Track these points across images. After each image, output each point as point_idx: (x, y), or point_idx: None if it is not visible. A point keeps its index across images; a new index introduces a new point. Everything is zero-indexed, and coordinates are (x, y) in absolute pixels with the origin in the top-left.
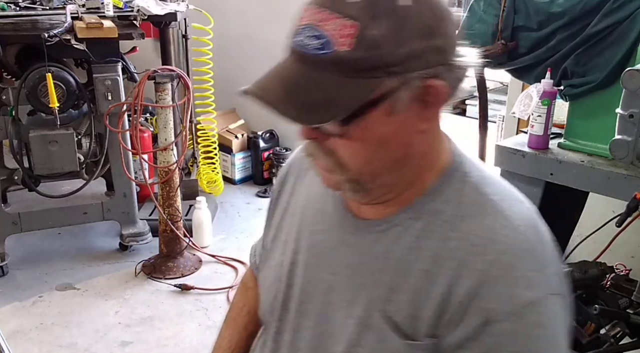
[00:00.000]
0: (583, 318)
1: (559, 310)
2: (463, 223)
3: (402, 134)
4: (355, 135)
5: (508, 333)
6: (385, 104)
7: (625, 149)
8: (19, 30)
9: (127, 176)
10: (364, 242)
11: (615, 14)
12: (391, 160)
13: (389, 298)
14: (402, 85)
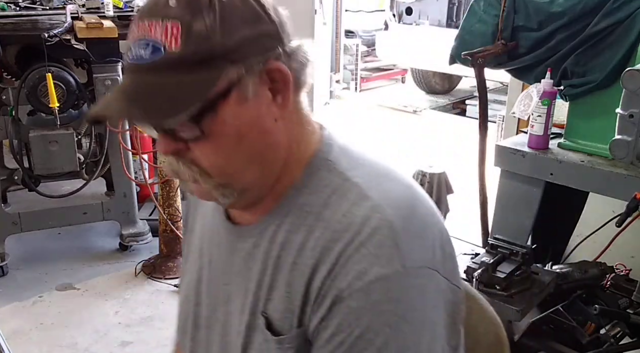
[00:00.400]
0: (583, 318)
1: (419, 283)
2: (327, 211)
3: (257, 123)
4: (213, 133)
5: (355, 310)
6: (234, 93)
7: (625, 149)
8: (19, 30)
9: (127, 176)
10: (246, 248)
11: (615, 14)
12: (252, 154)
13: (269, 297)
14: (245, 72)
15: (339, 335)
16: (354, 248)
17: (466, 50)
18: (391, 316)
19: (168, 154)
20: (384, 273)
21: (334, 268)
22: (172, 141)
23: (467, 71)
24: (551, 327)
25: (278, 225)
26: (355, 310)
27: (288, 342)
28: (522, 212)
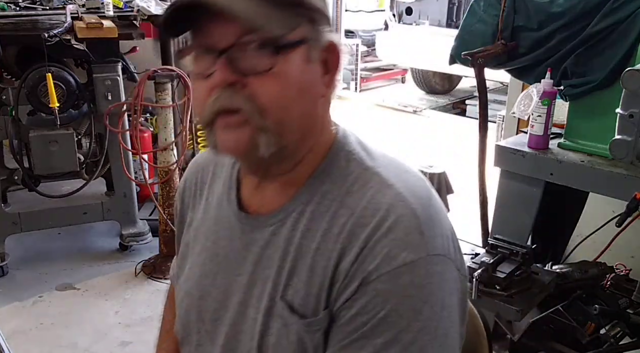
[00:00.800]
0: (583, 318)
1: (440, 270)
2: (350, 198)
3: (311, 89)
4: (279, 72)
5: (382, 293)
6: (303, 49)
7: (625, 149)
8: (19, 30)
9: (127, 176)
10: (263, 237)
11: (615, 14)
12: (302, 112)
13: (289, 283)
14: (315, 36)
15: (363, 316)
16: (382, 233)
17: (466, 50)
18: (416, 300)
19: (225, 84)
20: (411, 259)
21: (362, 252)
22: (233, 72)
23: (467, 71)
24: (551, 327)
25: (300, 212)
26: (382, 293)
27: (316, 324)
28: (522, 212)
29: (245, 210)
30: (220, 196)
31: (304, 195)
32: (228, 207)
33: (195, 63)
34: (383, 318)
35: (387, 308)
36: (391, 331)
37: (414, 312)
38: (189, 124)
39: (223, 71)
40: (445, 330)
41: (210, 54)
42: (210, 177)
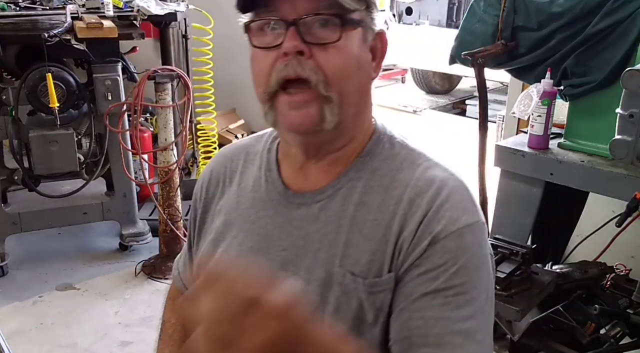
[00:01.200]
0: (583, 318)
1: (485, 235)
2: (401, 174)
3: (366, 68)
4: (344, 45)
5: (452, 249)
6: (360, 30)
7: (625, 149)
8: (19, 30)
9: (127, 176)
10: (311, 212)
11: (615, 14)
12: (360, 86)
13: (346, 254)
14: (370, 21)
15: (434, 271)
16: (442, 199)
17: (466, 50)
18: (478, 258)
19: (294, 52)
20: (471, 221)
21: (427, 216)
22: (301, 42)
23: (467, 71)
24: (551, 327)
25: (349, 188)
26: (451, 250)
27: (380, 285)
28: (522, 212)
29: (289, 188)
30: (256, 180)
31: (352, 172)
32: (268, 188)
33: (259, 36)
34: (454, 273)
35: (458, 264)
36: (460, 285)
37: (476, 268)
38: (189, 124)
39: (293, 40)
40: (491, 291)
41: (278, 27)
42: (241, 164)
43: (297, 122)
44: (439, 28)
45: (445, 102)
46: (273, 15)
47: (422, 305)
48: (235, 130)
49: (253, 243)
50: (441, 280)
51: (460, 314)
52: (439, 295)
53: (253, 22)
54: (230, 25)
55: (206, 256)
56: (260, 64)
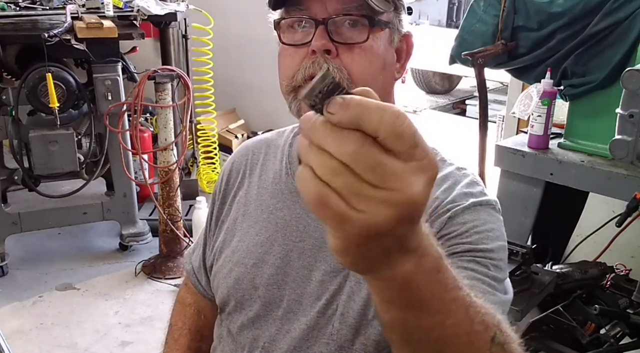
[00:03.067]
0: (583, 318)
1: (500, 216)
2: None
3: (391, 69)
4: (370, 45)
5: (470, 222)
6: (387, 31)
7: (625, 149)
8: (19, 30)
9: (127, 176)
10: None
11: (615, 14)
12: (385, 87)
13: None
14: (397, 23)
15: (453, 239)
16: (460, 188)
17: (466, 50)
18: (495, 232)
19: (322, 50)
20: (485, 200)
21: (444, 201)
22: (329, 40)
23: (467, 71)
24: (551, 327)
25: None
26: (469, 222)
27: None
28: (522, 212)
29: None
30: (277, 172)
31: None
32: (288, 180)
33: (288, 33)
34: (473, 243)
35: (475, 236)
36: (477, 260)
37: (494, 243)
38: (189, 124)
39: (321, 38)
40: (506, 265)
41: (307, 25)
42: (262, 156)
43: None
44: (439, 28)
45: (445, 102)
46: (304, 14)
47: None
48: (235, 130)
49: (270, 233)
50: (459, 250)
51: (490, 273)
52: (462, 260)
53: (283, 19)
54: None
55: (198, 264)
56: (287, 60)
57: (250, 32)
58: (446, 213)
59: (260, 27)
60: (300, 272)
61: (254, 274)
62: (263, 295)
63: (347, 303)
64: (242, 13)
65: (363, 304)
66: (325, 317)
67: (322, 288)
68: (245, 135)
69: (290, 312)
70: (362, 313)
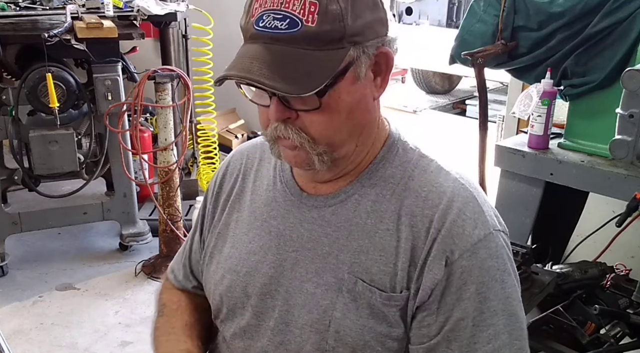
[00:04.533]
0: (583, 318)
1: (502, 242)
2: (412, 182)
3: (363, 101)
4: (328, 106)
5: (468, 268)
6: (351, 73)
7: (625, 149)
8: (19, 30)
9: (127, 176)
10: (323, 216)
11: (615, 14)
12: (355, 127)
13: (356, 261)
14: (362, 54)
15: (456, 293)
16: (455, 214)
17: (466, 50)
18: (495, 270)
19: (279, 121)
20: (483, 234)
21: (440, 233)
22: (286, 109)
23: (467, 71)
24: (551, 327)
25: (362, 194)
26: (468, 269)
27: (395, 300)
28: (522, 212)
29: (304, 190)
30: (271, 179)
31: (365, 178)
32: (282, 188)
33: (254, 94)
34: (475, 292)
35: (477, 281)
36: (484, 303)
37: (496, 281)
38: (189, 124)
39: (276, 109)
40: (517, 293)
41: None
42: (257, 162)
43: (293, 162)
44: (439, 28)
45: (445, 102)
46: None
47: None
48: (235, 130)
49: (264, 242)
50: (464, 302)
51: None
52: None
53: (241, 82)
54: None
55: (213, 248)
56: (259, 113)
57: None
58: (442, 258)
59: None
60: (292, 282)
61: (247, 282)
62: (255, 304)
63: (341, 321)
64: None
65: (361, 325)
66: (317, 331)
67: (314, 302)
68: (245, 135)
69: (282, 323)
70: (360, 333)
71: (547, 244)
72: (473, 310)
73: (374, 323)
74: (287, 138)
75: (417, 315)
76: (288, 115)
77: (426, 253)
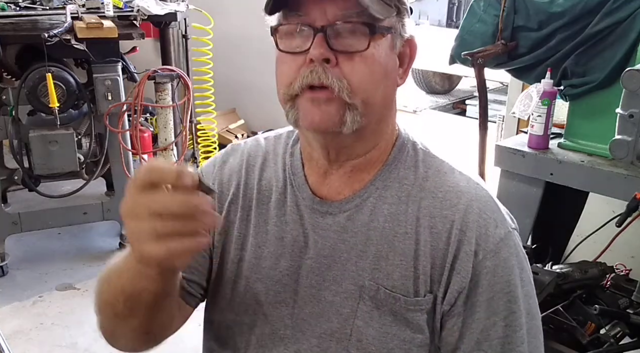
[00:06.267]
0: (583, 318)
1: (518, 241)
2: (428, 183)
3: (392, 75)
4: (370, 54)
5: (493, 269)
6: (390, 37)
7: (625, 149)
8: (19, 30)
9: (127, 176)
10: (339, 222)
11: (615, 14)
12: (385, 95)
13: (376, 267)
14: (400, 27)
15: (484, 294)
16: (476, 215)
17: (466, 50)
18: (517, 268)
19: (319, 60)
20: (503, 233)
21: (462, 233)
22: (327, 49)
23: (467, 71)
24: (551, 327)
25: (377, 198)
26: (492, 269)
27: (420, 304)
28: (522, 212)
29: (316, 195)
30: (281, 181)
31: (379, 181)
32: (293, 192)
33: (285, 39)
34: (501, 291)
35: (502, 281)
36: (511, 301)
37: (519, 279)
38: (189, 124)
39: (320, 47)
40: (534, 290)
41: (305, 32)
42: (260, 161)
43: (317, 120)
44: (439, 28)
45: (445, 102)
46: (302, 20)
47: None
48: (235, 130)
49: (275, 248)
50: (489, 302)
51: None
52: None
53: (281, 25)
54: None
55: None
56: (285, 67)
57: (250, 32)
58: (465, 260)
59: (260, 27)
60: (308, 290)
61: (258, 290)
62: (269, 313)
63: (363, 329)
64: (242, 13)
65: (384, 332)
66: (338, 340)
67: (333, 310)
68: (245, 135)
69: (299, 332)
70: (383, 341)
71: (547, 244)
72: (502, 310)
73: (397, 330)
74: (324, 85)
75: (445, 318)
76: (329, 56)
77: (452, 256)
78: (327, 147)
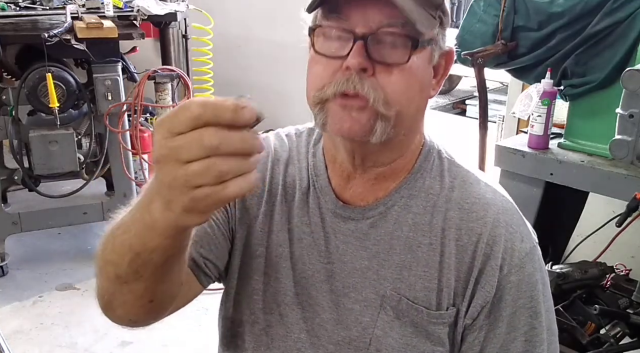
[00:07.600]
0: (583, 318)
1: (541, 255)
2: (454, 193)
3: (427, 88)
4: (409, 67)
5: (517, 283)
6: (429, 50)
7: (625, 149)
8: (19, 30)
9: (127, 176)
10: (361, 228)
11: (615, 14)
12: (418, 108)
13: (399, 277)
14: (440, 38)
15: (507, 309)
16: (504, 228)
17: (466, 50)
18: (540, 284)
19: (357, 69)
20: (528, 248)
21: (492, 249)
22: (366, 58)
23: (467, 71)
24: None
25: (402, 206)
26: (517, 284)
27: (443, 317)
28: (522, 212)
29: (340, 199)
30: (305, 181)
31: (404, 189)
32: (316, 194)
33: (323, 40)
34: (523, 306)
35: (525, 296)
36: (532, 316)
37: (541, 294)
38: None
39: (359, 56)
40: (553, 304)
41: (345, 37)
42: (285, 155)
43: (347, 127)
44: None
45: (445, 102)
46: (343, 24)
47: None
48: None
49: (295, 249)
50: (514, 317)
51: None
52: (515, 330)
53: (320, 27)
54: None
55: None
56: (319, 70)
57: (250, 32)
58: (490, 274)
59: (260, 27)
60: (327, 296)
61: (276, 289)
62: (285, 314)
63: (383, 339)
64: (242, 13)
65: (404, 343)
66: (356, 349)
67: (352, 318)
68: None
69: (314, 337)
70: (402, 352)
71: (547, 244)
72: (523, 325)
73: (417, 341)
74: (359, 94)
75: (466, 332)
76: (367, 66)
77: (478, 270)
78: (353, 153)
